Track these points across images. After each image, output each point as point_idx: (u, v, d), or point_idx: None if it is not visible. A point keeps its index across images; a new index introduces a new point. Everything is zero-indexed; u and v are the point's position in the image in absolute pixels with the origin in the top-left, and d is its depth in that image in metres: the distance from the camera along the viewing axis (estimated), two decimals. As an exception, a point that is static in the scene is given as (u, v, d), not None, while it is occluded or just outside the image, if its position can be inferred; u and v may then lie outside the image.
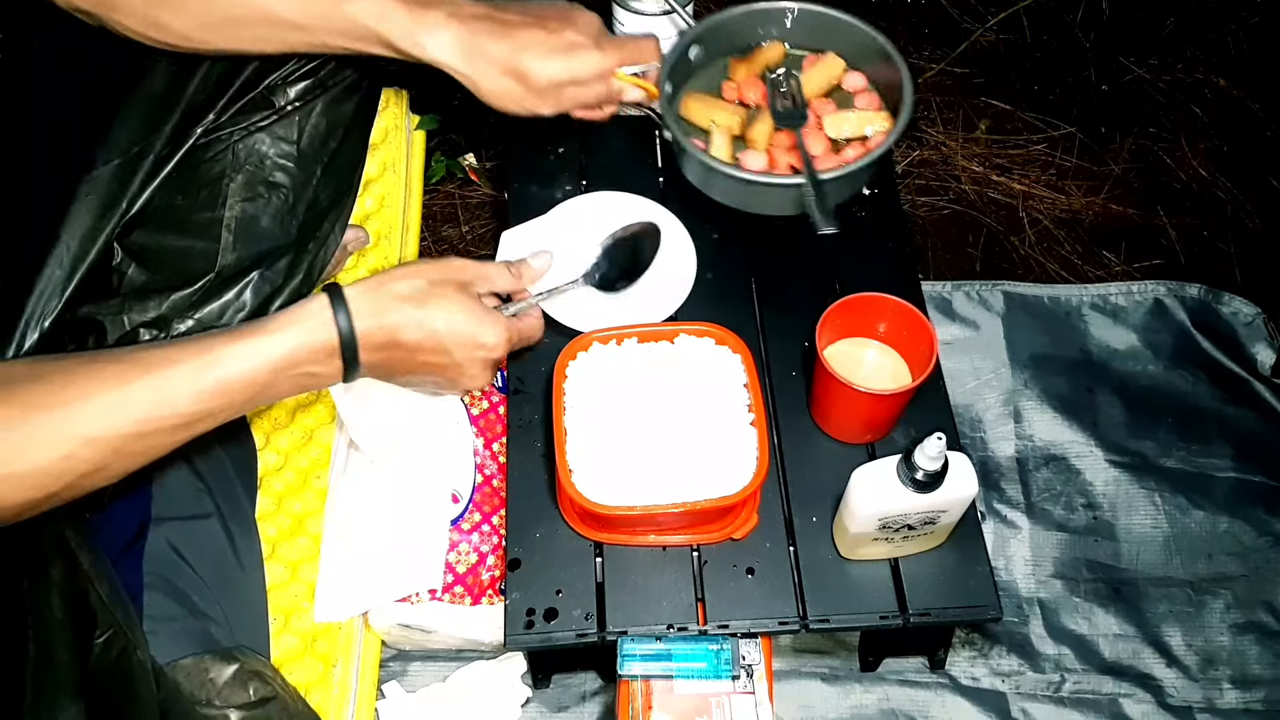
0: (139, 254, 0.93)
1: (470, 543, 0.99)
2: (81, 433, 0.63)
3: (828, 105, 0.98)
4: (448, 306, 0.76)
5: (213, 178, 0.94)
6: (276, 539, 1.02)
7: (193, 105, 0.91)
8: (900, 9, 1.62)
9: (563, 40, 0.84)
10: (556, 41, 0.84)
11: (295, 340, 0.70)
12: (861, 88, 1.00)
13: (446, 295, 0.76)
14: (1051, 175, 1.46)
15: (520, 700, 1.02)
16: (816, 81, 0.99)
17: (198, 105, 0.91)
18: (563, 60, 0.83)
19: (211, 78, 0.91)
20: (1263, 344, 1.29)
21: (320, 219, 1.00)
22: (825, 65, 1.00)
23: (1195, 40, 1.58)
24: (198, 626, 0.87)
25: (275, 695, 0.86)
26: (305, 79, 0.94)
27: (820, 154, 0.95)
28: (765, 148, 0.96)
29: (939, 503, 0.79)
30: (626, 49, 0.88)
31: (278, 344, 0.70)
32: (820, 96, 0.99)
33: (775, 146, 0.96)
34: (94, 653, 0.71)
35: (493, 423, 1.05)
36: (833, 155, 0.95)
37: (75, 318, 0.90)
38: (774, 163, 0.95)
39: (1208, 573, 1.14)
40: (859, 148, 0.95)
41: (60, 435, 0.62)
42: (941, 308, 1.31)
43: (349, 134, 1.00)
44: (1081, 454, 1.21)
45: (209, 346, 0.68)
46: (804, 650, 1.08)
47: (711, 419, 0.85)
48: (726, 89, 1.01)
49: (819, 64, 1.00)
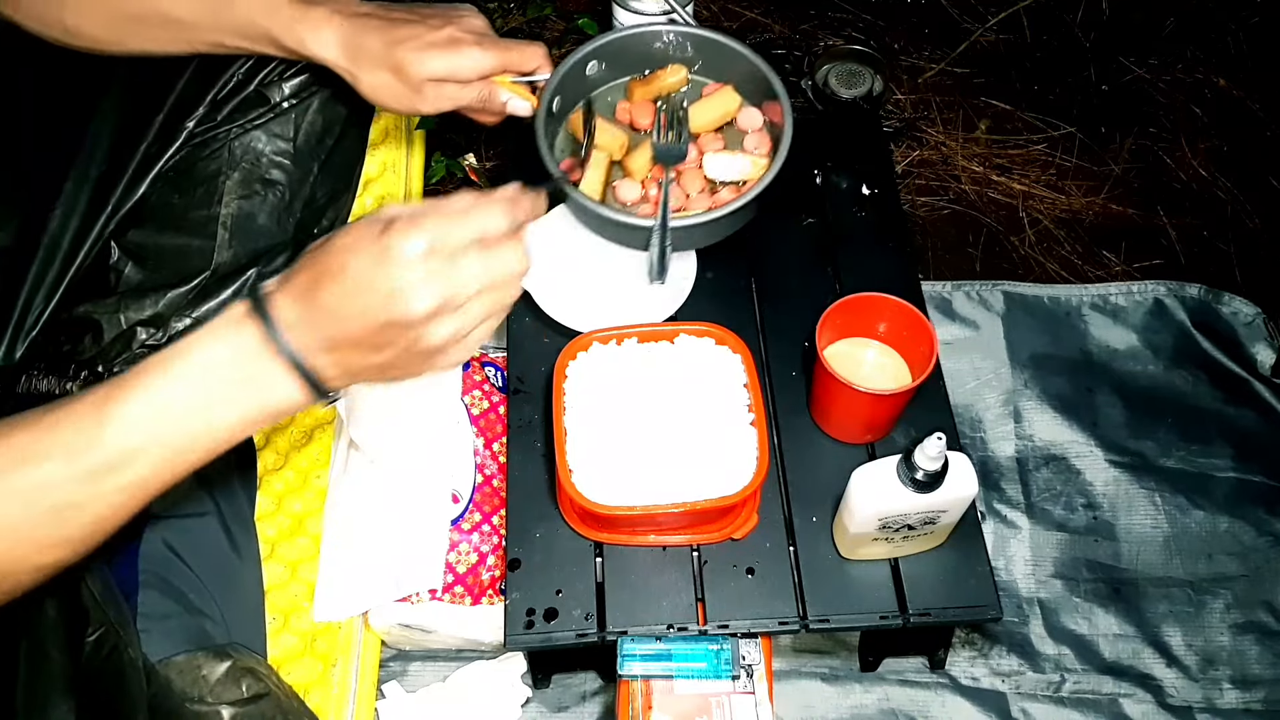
0: (136, 252, 0.92)
1: (470, 543, 0.99)
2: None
3: (715, 141, 0.95)
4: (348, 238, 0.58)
5: (209, 175, 0.94)
6: (276, 539, 1.02)
7: (182, 99, 0.91)
8: (900, 9, 1.62)
9: (443, 35, 0.82)
10: (436, 37, 0.82)
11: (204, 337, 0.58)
12: (756, 127, 0.96)
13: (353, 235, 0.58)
14: (1051, 175, 1.46)
15: (520, 700, 1.02)
16: (708, 115, 0.96)
17: (186, 99, 0.91)
18: (442, 56, 0.82)
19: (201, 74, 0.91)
20: (1263, 344, 1.29)
21: (318, 216, 1.00)
22: (719, 99, 0.96)
23: (1195, 40, 1.58)
24: (193, 624, 0.87)
25: (268, 692, 0.86)
26: (300, 76, 0.94)
27: (695, 194, 0.93)
28: (641, 179, 0.93)
29: (939, 503, 0.79)
30: (511, 52, 0.86)
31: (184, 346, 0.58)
32: (712, 131, 0.96)
33: (653, 179, 0.93)
34: (85, 650, 0.71)
35: (493, 423, 1.05)
36: (707, 196, 0.92)
37: (71, 317, 0.90)
38: (647, 196, 0.93)
39: (1208, 573, 1.14)
40: (735, 193, 0.92)
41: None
42: (941, 308, 1.31)
43: (346, 131, 1.00)
44: (1081, 454, 1.21)
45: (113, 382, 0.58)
46: (804, 650, 1.08)
47: (711, 419, 0.85)
48: (620, 109, 0.98)
49: (714, 96, 0.97)
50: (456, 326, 0.58)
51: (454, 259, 0.57)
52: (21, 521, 0.55)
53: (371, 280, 0.56)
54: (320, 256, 0.57)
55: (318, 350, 0.58)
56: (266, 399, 0.58)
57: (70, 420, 0.56)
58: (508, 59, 0.86)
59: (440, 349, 0.59)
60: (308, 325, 0.57)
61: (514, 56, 0.86)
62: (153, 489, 0.58)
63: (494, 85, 0.87)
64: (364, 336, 0.57)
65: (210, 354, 0.57)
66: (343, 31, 0.81)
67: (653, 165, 0.94)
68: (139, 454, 0.56)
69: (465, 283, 0.57)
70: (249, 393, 0.58)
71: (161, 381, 0.56)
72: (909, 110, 1.51)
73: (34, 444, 0.55)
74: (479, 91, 0.86)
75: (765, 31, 1.58)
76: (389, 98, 0.83)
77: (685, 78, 0.98)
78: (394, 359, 0.59)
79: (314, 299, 0.57)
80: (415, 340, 0.58)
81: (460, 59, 0.82)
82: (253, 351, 0.57)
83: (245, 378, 0.57)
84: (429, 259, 0.56)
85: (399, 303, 0.56)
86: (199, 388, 0.57)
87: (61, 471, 0.55)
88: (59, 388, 0.89)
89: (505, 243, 0.59)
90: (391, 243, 0.56)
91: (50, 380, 0.89)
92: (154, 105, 0.90)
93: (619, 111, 0.99)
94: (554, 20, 1.52)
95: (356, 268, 0.56)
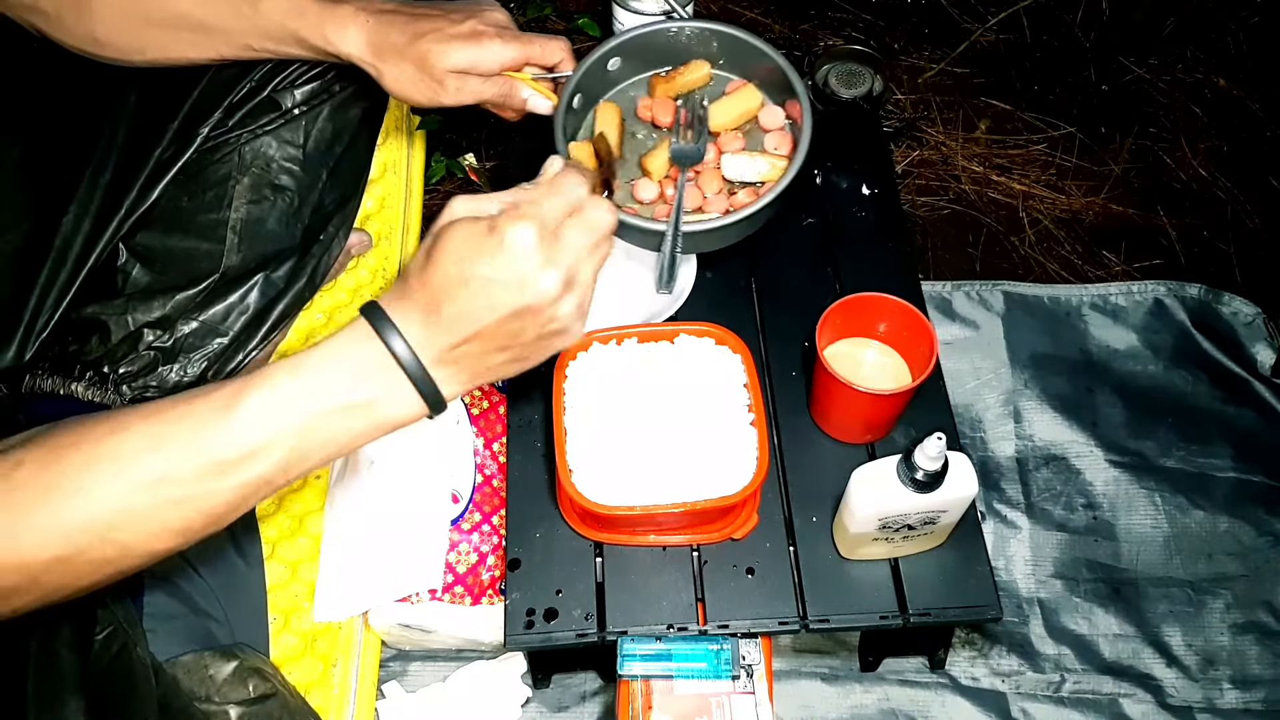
0: (144, 254, 0.93)
1: (470, 543, 0.99)
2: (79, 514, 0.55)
3: (736, 140, 0.94)
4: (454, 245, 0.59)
5: (219, 179, 0.94)
6: (276, 539, 1.02)
7: (196, 107, 0.91)
8: (900, 9, 1.62)
9: (465, 28, 0.83)
10: (459, 29, 0.83)
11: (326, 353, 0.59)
12: (777, 126, 0.94)
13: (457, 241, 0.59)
14: (1051, 175, 1.46)
15: (520, 700, 1.02)
16: (729, 113, 0.94)
17: (201, 107, 0.91)
18: (464, 48, 0.82)
19: (217, 80, 0.91)
20: (1263, 344, 1.29)
21: (325, 222, 1.00)
22: (741, 96, 0.95)
23: (1195, 40, 1.58)
24: (198, 624, 0.87)
25: (275, 692, 0.86)
26: (312, 82, 0.95)
27: (712, 195, 0.91)
28: (660, 179, 0.92)
29: (939, 503, 0.79)
30: (533, 45, 0.87)
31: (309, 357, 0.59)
32: (732, 130, 0.95)
33: (671, 179, 0.92)
34: (94, 649, 0.71)
35: (493, 423, 1.05)
36: (725, 197, 0.91)
37: (80, 317, 0.90)
38: (665, 196, 0.92)
39: (1208, 573, 1.14)
40: (753, 195, 0.90)
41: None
42: (941, 308, 1.31)
43: (355, 139, 1.00)
44: (1081, 454, 1.21)
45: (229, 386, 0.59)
46: (804, 650, 1.08)
47: (711, 419, 0.85)
48: (641, 106, 0.98)
49: (736, 95, 0.95)
50: (579, 297, 0.61)
51: (560, 235, 0.60)
52: (142, 511, 0.56)
53: (499, 276, 0.58)
54: (432, 274, 0.58)
55: (440, 363, 0.59)
56: (386, 413, 0.59)
57: (196, 414, 0.56)
58: (530, 52, 0.86)
59: (566, 326, 0.62)
60: (432, 340, 0.59)
61: (536, 50, 0.87)
62: (270, 488, 0.59)
63: (515, 82, 0.87)
64: (496, 332, 0.59)
65: (334, 369, 0.58)
66: (368, 28, 0.82)
67: (670, 166, 0.93)
68: (261, 453, 0.57)
69: (576, 252, 0.60)
70: (369, 406, 0.59)
71: (289, 383, 0.58)
72: (909, 110, 1.51)
73: (159, 435, 0.56)
74: (500, 86, 0.86)
75: (765, 31, 1.58)
76: (412, 90, 0.84)
77: (708, 74, 0.97)
78: (522, 349, 0.62)
79: (439, 312, 0.58)
80: (546, 322, 0.60)
81: (482, 51, 0.83)
82: (375, 367, 0.58)
83: (367, 393, 0.59)
84: (542, 241, 0.58)
85: (530, 289, 0.58)
86: (323, 397, 0.58)
87: (185, 464, 0.56)
88: (63, 387, 0.89)
89: (590, 204, 0.62)
90: (507, 237, 0.58)
91: (55, 380, 0.89)
92: (169, 111, 0.91)
93: (640, 108, 0.98)
94: (554, 20, 1.52)
95: (480, 269, 0.58)
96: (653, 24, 0.97)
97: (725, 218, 0.86)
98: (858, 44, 1.11)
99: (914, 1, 1.63)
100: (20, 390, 0.89)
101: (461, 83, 0.84)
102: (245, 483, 0.57)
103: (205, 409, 0.56)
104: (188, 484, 0.56)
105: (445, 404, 0.61)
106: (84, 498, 0.54)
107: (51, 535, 0.54)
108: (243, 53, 0.85)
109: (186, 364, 0.94)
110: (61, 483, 0.54)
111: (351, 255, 1.16)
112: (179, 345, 0.94)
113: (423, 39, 0.81)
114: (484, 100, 0.87)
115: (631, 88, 0.99)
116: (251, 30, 0.82)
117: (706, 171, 0.93)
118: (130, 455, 0.55)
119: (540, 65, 0.88)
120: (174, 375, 0.94)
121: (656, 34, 0.96)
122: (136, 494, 0.55)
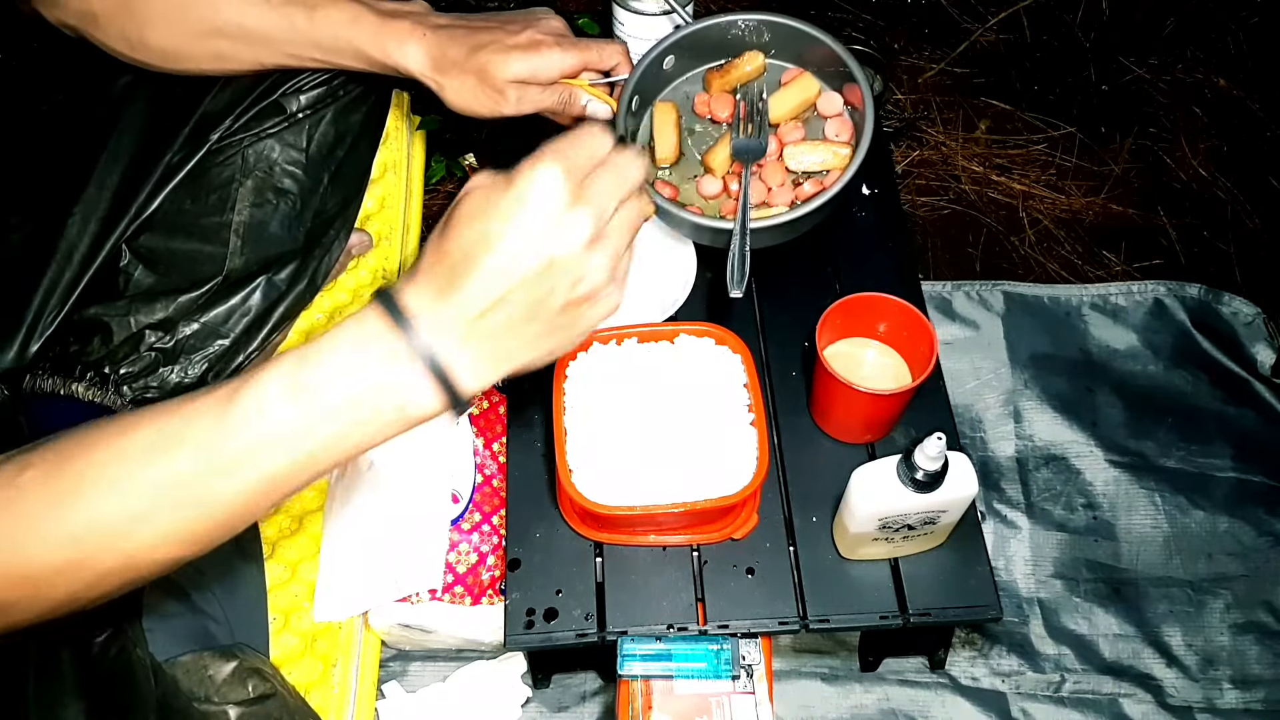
0: (146, 256, 0.93)
1: (470, 543, 0.99)
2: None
3: (796, 130, 0.92)
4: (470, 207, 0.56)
5: (222, 182, 0.94)
6: (276, 539, 1.02)
7: (208, 113, 0.92)
8: (900, 9, 1.62)
9: (523, 39, 0.83)
10: (517, 40, 0.83)
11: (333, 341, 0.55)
12: (836, 112, 0.93)
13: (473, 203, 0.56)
14: (1051, 175, 1.46)
15: (520, 700, 1.02)
16: (787, 103, 0.93)
17: (212, 114, 0.92)
18: (523, 58, 0.83)
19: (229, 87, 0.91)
20: (1263, 344, 1.29)
21: (326, 225, 1.00)
22: (798, 86, 0.94)
23: (1195, 40, 1.58)
24: (197, 624, 0.87)
25: (274, 692, 0.86)
26: (317, 88, 0.95)
27: (776, 187, 0.90)
28: (723, 175, 0.91)
29: (939, 503, 0.79)
30: (590, 50, 0.87)
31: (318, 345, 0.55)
32: (792, 119, 0.94)
33: (735, 173, 0.91)
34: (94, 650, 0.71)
35: (493, 423, 1.05)
36: (790, 189, 0.91)
37: (82, 318, 0.91)
38: (729, 191, 0.92)
39: (1208, 573, 1.14)
40: (818, 185, 0.89)
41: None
42: (941, 308, 1.31)
43: (357, 143, 1.01)
44: (1081, 454, 1.21)
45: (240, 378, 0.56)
46: (804, 650, 1.08)
47: (711, 419, 0.85)
48: (699, 102, 0.97)
49: (793, 84, 0.94)
50: (611, 254, 0.56)
51: (584, 183, 0.55)
52: (146, 514, 0.53)
53: (519, 223, 0.53)
54: (448, 241, 0.54)
55: (461, 342, 0.54)
56: (398, 403, 0.55)
57: (199, 412, 0.54)
58: (587, 57, 0.87)
59: (598, 289, 0.56)
60: (450, 316, 0.54)
61: (593, 55, 0.87)
62: (279, 492, 0.55)
63: (573, 89, 0.87)
64: (522, 296, 0.54)
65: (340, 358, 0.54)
66: (427, 43, 0.82)
67: (733, 161, 0.92)
68: (263, 450, 0.53)
69: (603, 198, 0.55)
70: (380, 397, 0.54)
71: (293, 376, 0.54)
72: (909, 110, 1.51)
73: (163, 435, 0.53)
74: (560, 93, 0.87)
75: (765, 32, 1.58)
76: (474, 102, 0.84)
77: (763, 64, 0.95)
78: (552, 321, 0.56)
79: (456, 283, 0.53)
80: (575, 281, 0.55)
81: (541, 60, 0.83)
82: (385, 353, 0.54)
83: (376, 382, 0.54)
84: (568, 180, 0.54)
85: (555, 234, 0.53)
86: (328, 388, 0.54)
87: (187, 464, 0.53)
88: (64, 387, 0.89)
89: (618, 153, 0.57)
90: (524, 186, 0.53)
91: (55, 380, 0.89)
92: (181, 117, 0.91)
93: (698, 104, 0.97)
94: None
95: (499, 222, 0.53)
96: (707, 19, 0.95)
97: (792, 211, 0.85)
98: (858, 44, 1.11)
99: (914, 1, 1.63)
100: (21, 391, 0.89)
101: (522, 92, 0.84)
102: (250, 483, 0.54)
103: (207, 405, 0.54)
104: (191, 485, 0.53)
105: (465, 396, 0.55)
106: (88, 502, 0.53)
107: (56, 542, 0.53)
108: (287, 61, 0.85)
109: (187, 365, 0.95)
110: (67, 487, 0.53)
111: (352, 256, 1.16)
112: (180, 347, 0.94)
113: (482, 50, 0.82)
114: (544, 109, 0.88)
115: (686, 84, 0.98)
116: (304, 41, 0.83)
117: (770, 164, 0.92)
118: (135, 456, 0.53)
119: (597, 70, 0.89)
120: (175, 376, 0.94)
121: (710, 29, 0.95)
122: (141, 497, 0.53)
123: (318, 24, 0.82)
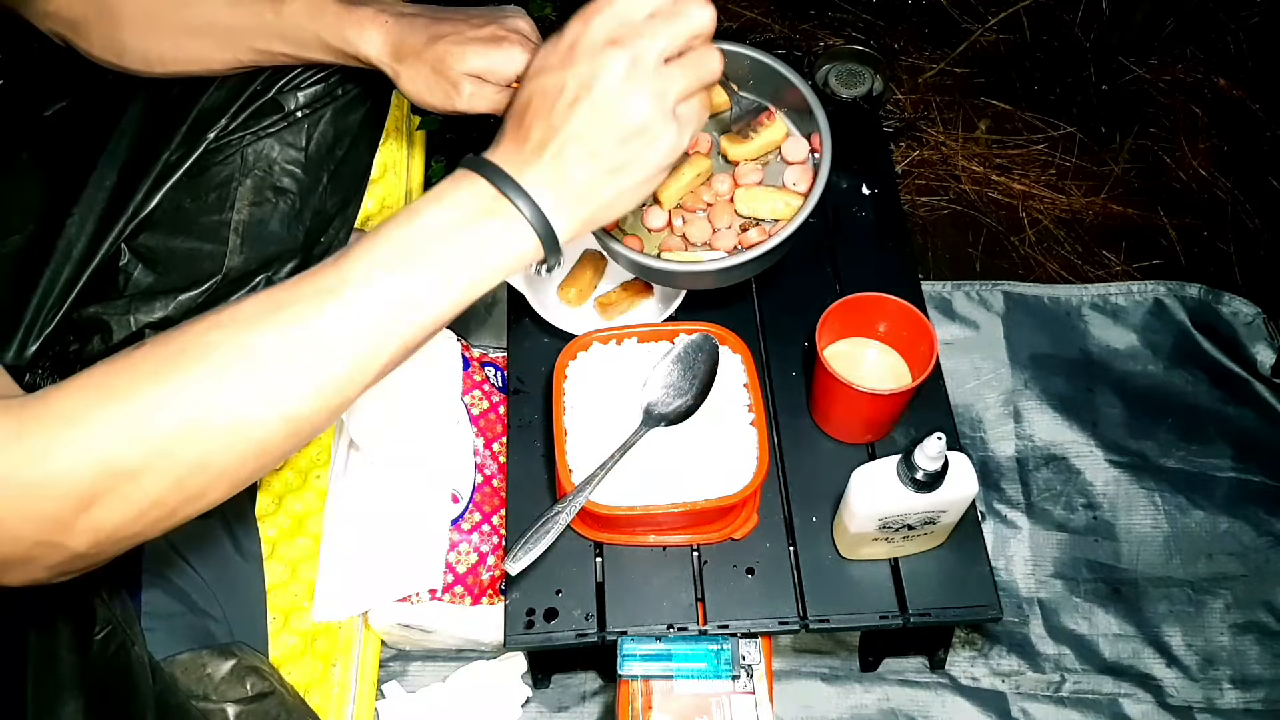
0: (146, 255, 0.93)
1: (470, 543, 0.99)
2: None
3: (754, 174, 0.87)
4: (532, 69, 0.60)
5: (221, 181, 0.94)
6: (276, 539, 1.02)
7: (204, 110, 0.92)
8: (900, 9, 1.62)
9: (485, 32, 0.81)
10: (478, 33, 0.81)
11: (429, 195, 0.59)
12: (800, 159, 0.87)
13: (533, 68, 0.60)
14: (1051, 175, 1.46)
15: (520, 700, 1.02)
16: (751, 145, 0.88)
17: (209, 112, 0.92)
18: (481, 52, 0.80)
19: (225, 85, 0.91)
20: (1263, 344, 1.29)
21: (326, 224, 1.00)
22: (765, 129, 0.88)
23: (1195, 40, 1.58)
24: (196, 623, 0.88)
25: (273, 690, 0.86)
26: (316, 85, 0.95)
27: (723, 229, 0.86)
28: (669, 209, 0.87)
29: (939, 503, 0.79)
30: None
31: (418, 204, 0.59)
32: (752, 160, 0.89)
33: (680, 208, 0.88)
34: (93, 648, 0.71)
35: (493, 423, 1.05)
36: (735, 234, 0.86)
37: (81, 317, 0.91)
38: (671, 227, 0.87)
39: (1208, 573, 1.14)
40: (763, 233, 0.85)
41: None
42: (941, 308, 1.31)
43: (356, 142, 1.01)
44: (1081, 454, 1.21)
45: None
46: (804, 650, 1.08)
47: (711, 419, 0.85)
48: None
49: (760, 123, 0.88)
50: (648, 91, 0.57)
51: (628, 25, 0.57)
52: (273, 369, 0.55)
53: (580, 68, 0.57)
54: (517, 102, 0.59)
55: (541, 169, 0.58)
56: (499, 243, 0.58)
57: (313, 273, 0.56)
58: None
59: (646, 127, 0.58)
60: (527, 150, 0.58)
61: None
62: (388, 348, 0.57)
63: None
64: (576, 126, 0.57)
65: (432, 203, 0.58)
66: (387, 29, 0.81)
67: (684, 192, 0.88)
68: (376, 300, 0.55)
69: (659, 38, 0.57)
70: (481, 238, 0.58)
71: (392, 223, 0.57)
72: (909, 110, 1.51)
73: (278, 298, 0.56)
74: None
75: (765, 31, 1.58)
76: (426, 93, 0.83)
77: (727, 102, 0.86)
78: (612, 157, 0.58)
79: (524, 122, 0.58)
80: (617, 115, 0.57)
81: (500, 56, 0.81)
82: (481, 201, 0.58)
83: (466, 212, 0.58)
84: (603, 25, 0.57)
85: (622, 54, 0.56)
86: (420, 225, 0.57)
87: (305, 315, 0.55)
88: None
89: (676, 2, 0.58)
90: (574, 29, 0.57)
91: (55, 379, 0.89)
92: (178, 116, 0.91)
93: None
94: (554, 21, 1.52)
95: (559, 73, 0.57)
96: None
97: (732, 257, 0.81)
98: (858, 44, 1.11)
99: (914, 1, 1.63)
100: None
101: (477, 88, 0.82)
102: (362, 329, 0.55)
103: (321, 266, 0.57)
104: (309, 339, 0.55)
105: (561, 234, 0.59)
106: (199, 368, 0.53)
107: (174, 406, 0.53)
108: (262, 58, 0.85)
109: None
110: (175, 354, 0.54)
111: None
112: None
113: (441, 41, 0.80)
114: (499, 109, 0.85)
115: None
116: (274, 34, 0.83)
117: (719, 205, 0.88)
118: (245, 320, 0.55)
119: None
120: None
121: None
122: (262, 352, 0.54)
123: (284, 16, 0.82)
